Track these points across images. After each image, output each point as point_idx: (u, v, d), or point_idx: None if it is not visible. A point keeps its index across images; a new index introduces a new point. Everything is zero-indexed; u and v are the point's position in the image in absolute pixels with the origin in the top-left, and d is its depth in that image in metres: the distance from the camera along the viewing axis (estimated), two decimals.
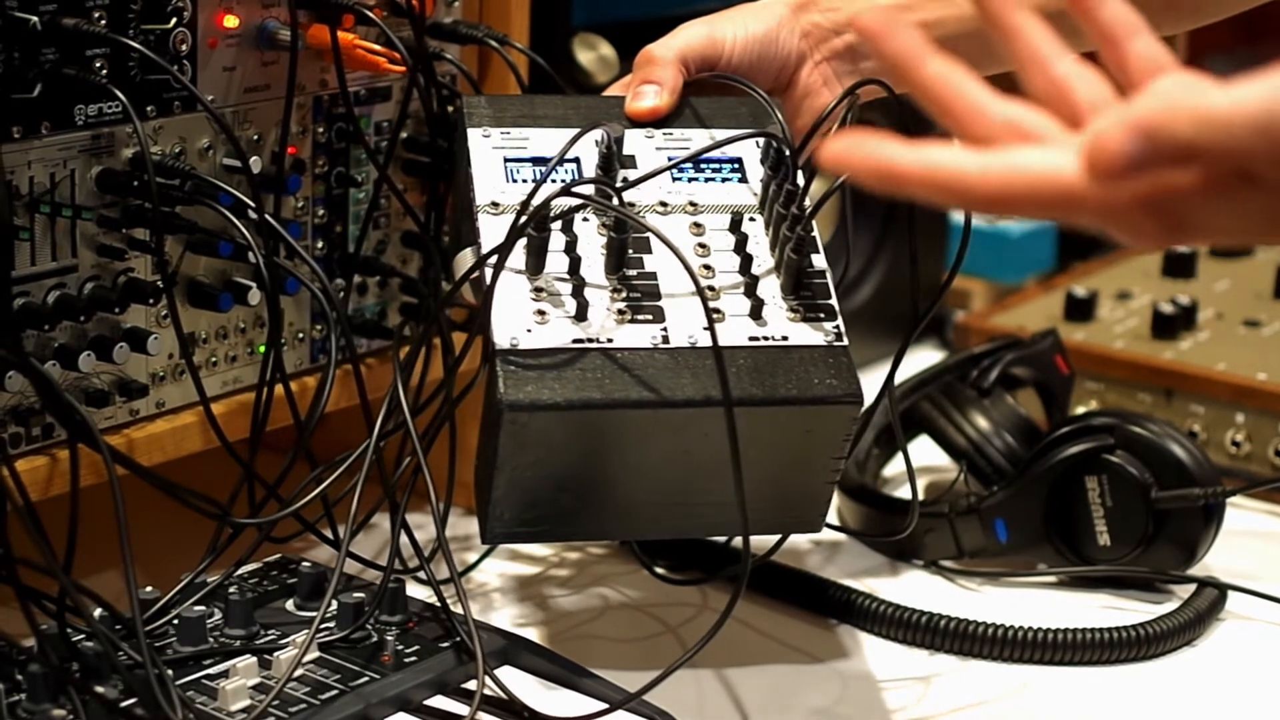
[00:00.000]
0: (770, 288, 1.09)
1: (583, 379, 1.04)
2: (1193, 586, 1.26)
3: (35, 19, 1.02)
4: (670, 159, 1.13)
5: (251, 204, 1.11)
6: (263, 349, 1.19)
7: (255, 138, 1.17)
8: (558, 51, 1.40)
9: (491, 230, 1.09)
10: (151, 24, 1.09)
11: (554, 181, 1.09)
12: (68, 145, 1.07)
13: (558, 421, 1.04)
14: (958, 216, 1.56)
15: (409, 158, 1.27)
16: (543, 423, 1.04)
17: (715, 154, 1.14)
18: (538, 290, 1.07)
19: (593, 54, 1.45)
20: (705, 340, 1.05)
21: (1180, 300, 1.58)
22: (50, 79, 1.04)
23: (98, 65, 1.06)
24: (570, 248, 1.08)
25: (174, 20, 1.10)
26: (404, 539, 1.15)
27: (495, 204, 1.10)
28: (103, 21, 1.06)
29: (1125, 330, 1.58)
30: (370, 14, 1.16)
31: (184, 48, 1.11)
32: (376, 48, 1.18)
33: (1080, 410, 1.48)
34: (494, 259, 1.05)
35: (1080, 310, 1.60)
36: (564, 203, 1.07)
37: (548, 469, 1.06)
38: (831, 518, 1.36)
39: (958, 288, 1.79)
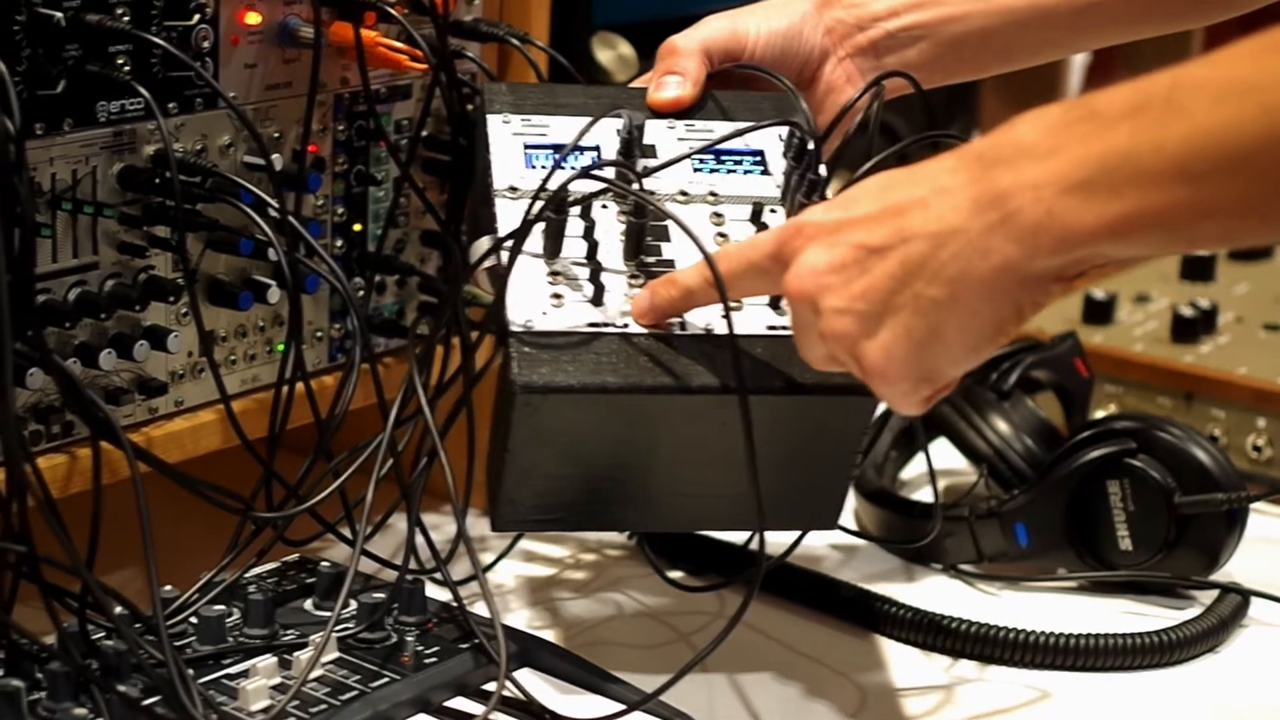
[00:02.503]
0: None
1: (597, 362, 1.03)
2: (1215, 592, 1.25)
3: (59, 15, 1.02)
4: (692, 149, 1.12)
5: (272, 202, 1.11)
6: (281, 347, 1.19)
7: (276, 135, 1.17)
8: (578, 50, 1.39)
9: (509, 215, 1.08)
10: (174, 21, 1.09)
11: (572, 166, 1.09)
12: (90, 142, 1.06)
13: (570, 405, 1.03)
14: None
15: (429, 156, 1.26)
16: (555, 406, 1.02)
17: (738, 146, 1.14)
18: (554, 274, 1.06)
19: (612, 53, 1.45)
20: (722, 328, 1.03)
21: (1200, 303, 1.57)
22: (73, 75, 1.04)
23: (120, 62, 1.06)
24: (589, 233, 1.07)
25: (196, 17, 1.10)
26: (424, 542, 1.14)
27: (513, 189, 1.10)
28: (126, 18, 1.05)
29: (1144, 333, 1.57)
30: (392, 11, 1.16)
31: (206, 44, 1.11)
32: (398, 45, 1.17)
33: (1100, 414, 1.47)
34: (510, 242, 1.04)
35: (1099, 313, 1.59)
36: (584, 188, 1.06)
37: (559, 455, 1.05)
38: (850, 521, 1.35)
39: None
